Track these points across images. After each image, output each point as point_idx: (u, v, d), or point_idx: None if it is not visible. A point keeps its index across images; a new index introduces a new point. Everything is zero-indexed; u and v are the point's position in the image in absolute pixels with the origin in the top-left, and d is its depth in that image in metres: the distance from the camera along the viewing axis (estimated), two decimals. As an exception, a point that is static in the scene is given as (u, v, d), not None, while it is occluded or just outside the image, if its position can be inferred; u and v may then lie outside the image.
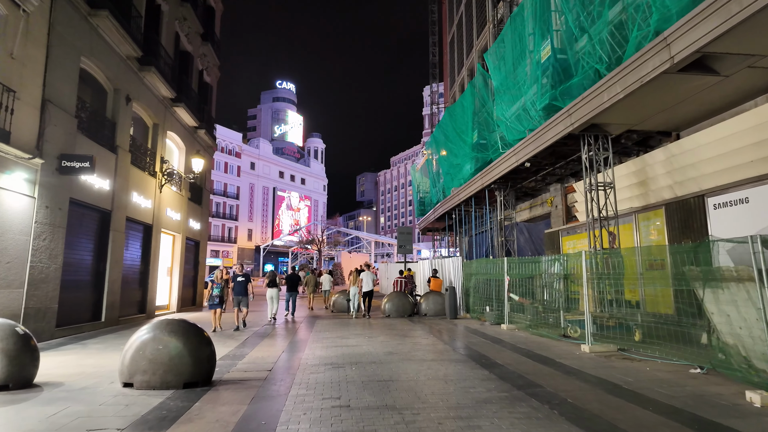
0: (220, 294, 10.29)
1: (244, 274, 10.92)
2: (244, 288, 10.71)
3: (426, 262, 17.33)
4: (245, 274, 10.95)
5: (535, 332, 9.79)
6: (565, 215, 13.80)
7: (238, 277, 10.77)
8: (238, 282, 10.71)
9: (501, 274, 11.18)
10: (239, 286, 10.70)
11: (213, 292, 10.25)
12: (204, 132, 17.51)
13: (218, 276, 10.51)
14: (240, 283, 10.71)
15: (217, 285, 10.30)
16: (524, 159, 11.05)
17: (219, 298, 10.23)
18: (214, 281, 10.35)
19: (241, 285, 10.69)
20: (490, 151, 14.26)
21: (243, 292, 10.68)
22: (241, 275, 10.81)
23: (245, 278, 10.82)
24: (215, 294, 10.23)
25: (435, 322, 12.07)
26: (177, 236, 15.97)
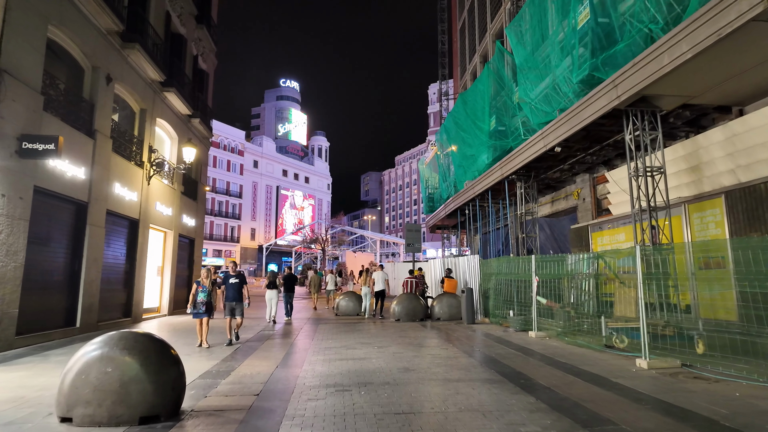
0: (207, 299, 8.20)
1: (237, 273, 8.78)
2: (238, 291, 8.56)
3: (437, 262, 16.02)
4: (239, 274, 8.82)
5: (570, 341, 8.46)
6: (594, 209, 12.44)
7: (231, 278, 8.61)
8: (230, 284, 8.57)
9: (527, 274, 9.86)
10: (232, 289, 8.55)
11: (197, 297, 8.08)
12: (199, 121, 16.30)
13: (204, 276, 8.35)
14: (233, 285, 8.56)
15: (202, 288, 8.16)
16: (554, 143, 9.72)
17: (205, 305, 8.14)
18: (200, 283, 8.22)
19: (234, 288, 8.55)
20: (510, 138, 12.95)
21: (237, 297, 8.56)
22: (234, 275, 8.68)
23: (239, 279, 8.68)
24: (200, 299, 8.08)
25: (451, 328, 10.77)
26: (168, 233, 14.76)
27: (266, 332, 10.31)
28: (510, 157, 12.03)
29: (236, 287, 8.62)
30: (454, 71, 25.84)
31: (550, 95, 10.33)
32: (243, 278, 8.77)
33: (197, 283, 8.24)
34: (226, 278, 8.72)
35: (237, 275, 8.72)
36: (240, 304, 8.61)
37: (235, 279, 8.65)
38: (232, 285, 8.61)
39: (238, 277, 8.70)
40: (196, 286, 8.18)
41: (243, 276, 8.81)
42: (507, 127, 13.07)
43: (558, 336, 9.07)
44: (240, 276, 8.74)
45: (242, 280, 8.72)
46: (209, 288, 8.28)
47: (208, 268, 8.60)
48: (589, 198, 12.54)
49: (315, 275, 20.38)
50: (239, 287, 8.64)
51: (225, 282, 8.69)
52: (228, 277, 8.72)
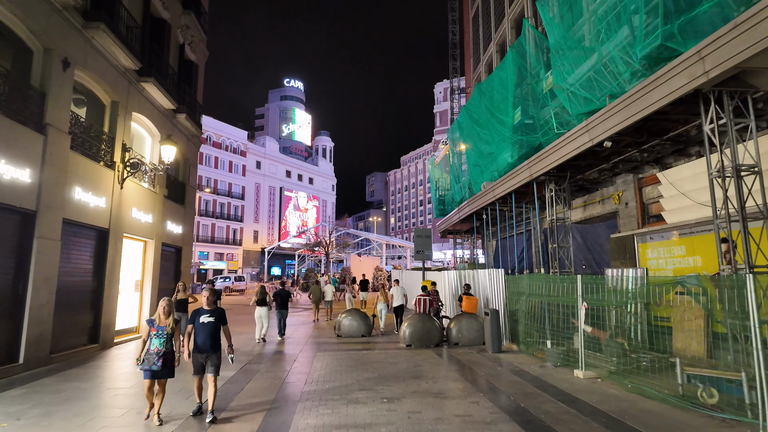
0: (166, 347, 5.30)
1: (214, 309, 5.70)
2: (212, 336, 5.52)
3: (452, 273, 14.21)
4: (216, 311, 5.70)
5: (633, 387, 6.62)
6: (640, 215, 10.58)
7: (204, 314, 5.59)
8: (201, 324, 5.54)
9: (571, 298, 8.04)
10: (203, 332, 5.51)
11: (149, 346, 5.28)
12: (185, 117, 14.62)
13: (163, 311, 5.48)
14: (205, 326, 5.53)
15: (158, 330, 5.34)
16: (603, 137, 7.89)
17: (162, 357, 5.22)
18: (153, 323, 5.40)
19: (206, 331, 5.52)
20: (539, 132, 11.12)
21: (211, 345, 5.49)
22: (208, 311, 5.63)
23: (216, 317, 5.63)
24: (154, 348, 5.23)
25: (474, 360, 8.96)
26: (149, 242, 13.08)
27: (252, 365, 8.57)
28: (541, 155, 10.20)
29: (210, 330, 5.52)
30: (466, 64, 24.04)
31: (595, 78, 8.50)
32: (222, 316, 5.74)
33: (150, 322, 5.38)
34: (195, 315, 5.64)
35: (213, 311, 5.66)
36: (215, 355, 5.49)
37: (209, 317, 5.58)
38: (203, 326, 5.52)
39: (214, 314, 5.64)
40: (149, 327, 5.35)
41: (222, 314, 5.78)
42: (535, 119, 11.25)
43: (612, 377, 7.24)
44: (217, 313, 5.69)
45: (220, 319, 5.69)
46: (169, 329, 5.40)
47: (169, 300, 5.59)
48: (633, 202, 10.68)
49: (316, 286, 18.86)
50: (215, 330, 5.57)
51: (194, 320, 5.60)
52: (199, 313, 5.62)
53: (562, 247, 11.40)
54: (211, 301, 5.73)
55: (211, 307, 5.72)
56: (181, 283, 9.52)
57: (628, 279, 8.74)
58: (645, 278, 8.72)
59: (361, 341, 11.51)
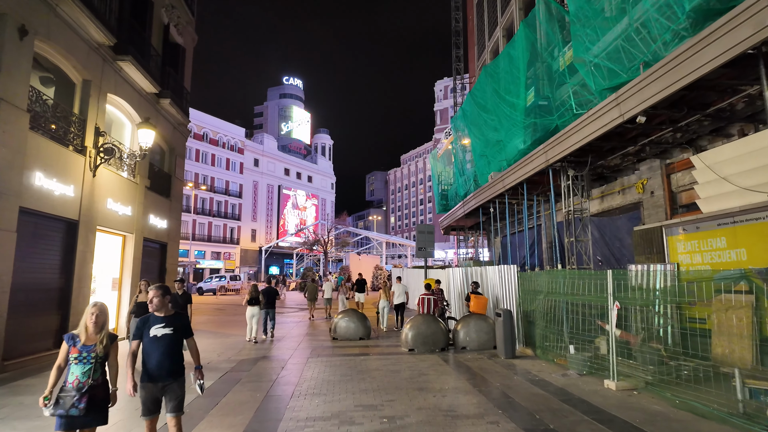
0: (94, 379, 3.42)
1: (172, 315, 3.81)
2: (173, 348, 3.76)
3: (457, 271, 13.16)
4: (175, 317, 3.83)
5: (681, 404, 5.56)
6: (668, 205, 9.53)
7: (157, 324, 3.72)
8: (152, 340, 3.67)
9: (599, 297, 6.99)
10: (158, 348, 3.68)
11: (67, 377, 3.40)
12: (169, 102, 13.56)
13: (91, 323, 3.50)
14: (159, 343, 3.68)
15: (81, 353, 3.42)
16: (637, 110, 6.84)
17: (85, 393, 3.35)
18: (75, 339, 3.45)
19: (162, 350, 3.68)
20: (556, 114, 10.07)
21: (169, 366, 3.71)
22: (162, 319, 3.74)
23: (175, 328, 3.76)
24: (72, 381, 3.36)
25: (486, 368, 7.91)
26: (128, 237, 12.03)
27: (235, 373, 7.51)
28: (559, 138, 9.15)
29: (167, 346, 3.70)
30: (470, 52, 22.99)
31: (624, 47, 7.46)
32: (184, 326, 3.87)
33: (70, 339, 3.46)
34: (143, 327, 3.72)
35: (170, 319, 3.77)
36: (176, 384, 3.74)
37: (165, 327, 3.72)
38: (156, 342, 3.67)
39: (173, 323, 3.76)
40: (67, 346, 3.44)
41: (184, 322, 3.90)
42: (551, 100, 10.20)
43: (650, 389, 6.20)
44: (177, 322, 3.80)
45: (182, 330, 3.82)
46: (101, 349, 3.48)
47: (99, 306, 3.59)
48: (660, 191, 9.62)
49: (312, 284, 18.04)
50: (174, 345, 3.75)
51: (141, 333, 3.71)
52: (148, 323, 3.73)
53: (580, 241, 10.36)
54: (165, 303, 3.77)
55: (167, 312, 3.78)
56: (143, 282, 7.92)
57: (658, 275, 7.73)
58: (676, 274, 7.70)
59: (359, 345, 10.46)
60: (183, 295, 8.10)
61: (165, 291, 3.90)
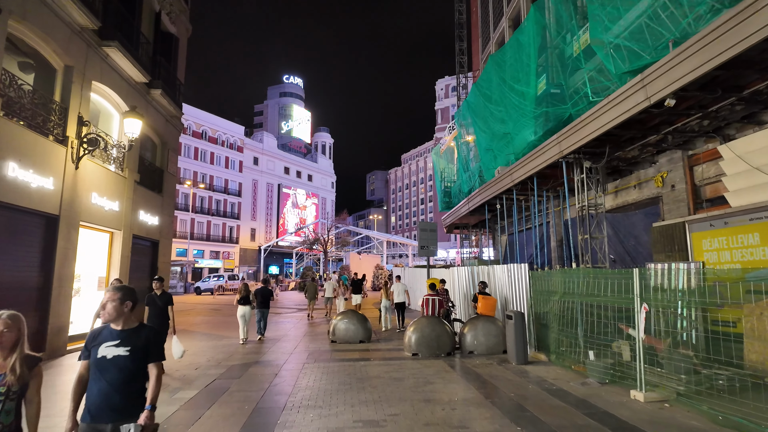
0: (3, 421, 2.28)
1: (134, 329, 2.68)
2: (128, 375, 2.58)
3: (462, 270, 12.51)
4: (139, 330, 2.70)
5: (723, 421, 4.92)
6: (691, 199, 8.88)
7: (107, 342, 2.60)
8: (101, 362, 2.56)
9: (624, 299, 6.35)
10: (107, 375, 2.54)
11: None
12: (161, 93, 12.93)
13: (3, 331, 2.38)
14: (109, 365, 2.55)
15: None
16: (666, 92, 6.19)
17: None
18: None
19: (112, 373, 2.54)
20: (569, 102, 9.43)
21: (119, 401, 2.54)
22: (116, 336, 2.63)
23: (129, 339, 2.62)
24: None
25: (497, 375, 7.27)
26: (116, 233, 11.42)
27: (223, 381, 6.88)
28: (575, 126, 8.51)
29: (119, 373, 2.56)
30: (474, 45, 22.34)
31: (648, 25, 6.82)
32: (147, 344, 2.67)
33: None
34: (91, 342, 2.63)
35: (128, 334, 2.65)
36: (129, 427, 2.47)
37: (120, 346, 2.60)
38: (106, 365, 2.56)
39: (131, 340, 2.63)
40: None
41: (148, 337, 2.70)
42: (564, 88, 9.56)
43: (683, 401, 5.56)
44: (139, 338, 2.66)
45: (144, 350, 2.65)
46: (14, 381, 2.36)
47: (7, 317, 2.44)
48: (682, 184, 8.98)
49: (311, 283, 17.69)
50: (130, 372, 2.60)
51: (89, 352, 2.62)
52: (98, 338, 2.63)
53: (594, 239, 9.72)
54: (121, 311, 2.64)
55: (126, 324, 2.67)
56: (115, 280, 7.38)
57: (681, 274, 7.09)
58: (701, 273, 7.06)
59: (359, 348, 9.83)
60: (162, 295, 7.34)
61: (125, 294, 2.69)
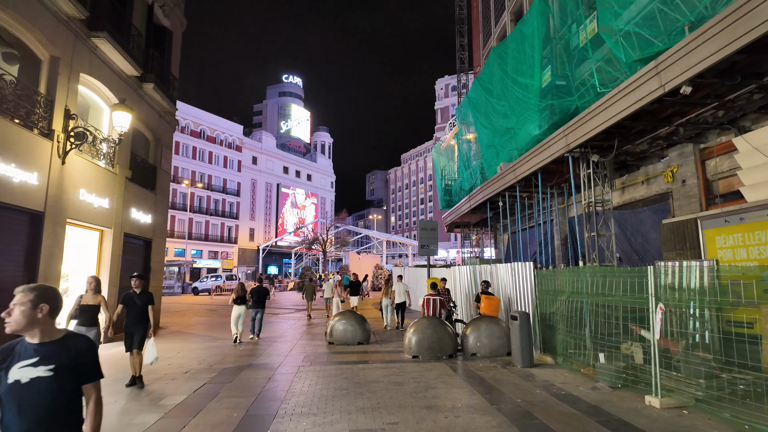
0: None
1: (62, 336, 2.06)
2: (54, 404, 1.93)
3: (464, 269, 12.14)
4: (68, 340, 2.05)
5: (750, 428, 4.56)
6: (703, 194, 8.52)
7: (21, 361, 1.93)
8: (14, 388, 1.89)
9: (637, 298, 6.00)
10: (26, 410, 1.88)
11: None
12: (153, 87, 12.56)
13: None
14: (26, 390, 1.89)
15: None
16: (683, 78, 5.83)
17: None
18: None
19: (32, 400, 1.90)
20: (576, 95, 9.07)
21: None
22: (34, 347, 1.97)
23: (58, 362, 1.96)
24: None
25: (502, 378, 6.91)
26: (106, 231, 11.05)
27: (213, 385, 6.52)
28: (583, 118, 8.15)
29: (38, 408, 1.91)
30: (474, 42, 21.98)
31: (661, 10, 6.46)
32: (79, 361, 2.01)
33: None
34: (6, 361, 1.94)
35: (51, 347, 2.00)
36: None
37: (39, 365, 1.94)
38: (19, 393, 1.89)
39: (56, 358, 1.97)
40: None
41: (79, 350, 2.03)
42: (570, 79, 9.21)
43: (702, 408, 5.20)
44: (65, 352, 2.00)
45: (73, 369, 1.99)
46: None
47: None
48: (694, 179, 8.62)
49: (309, 283, 17.48)
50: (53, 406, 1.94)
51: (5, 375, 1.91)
52: (12, 355, 1.95)
53: (601, 236, 9.36)
54: (34, 319, 1.97)
55: (43, 336, 2.01)
56: (91, 278, 6.24)
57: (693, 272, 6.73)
58: (715, 272, 6.71)
59: (357, 350, 9.47)
60: (142, 294, 6.50)
61: (40, 295, 2.00)
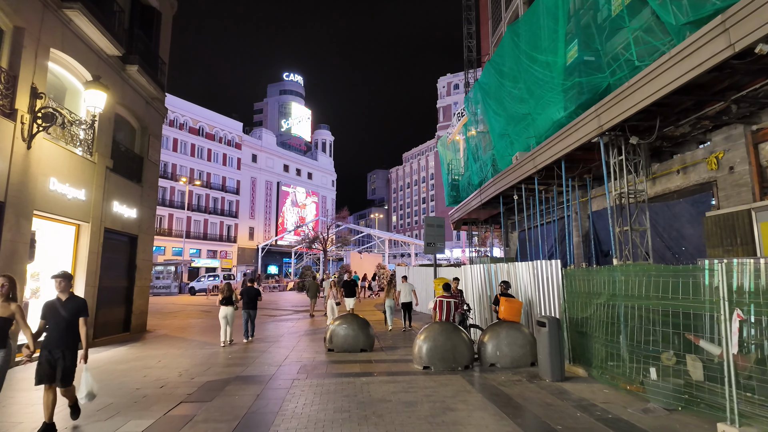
0: None
1: None
2: None
3: (476, 268, 11.03)
4: None
5: None
6: (757, 182, 7.46)
7: None
8: None
9: (700, 302, 4.94)
10: None
11: None
12: (138, 70, 11.53)
13: None
14: None
15: None
16: (758, 36, 4.77)
17: None
18: None
19: None
20: (607, 71, 8.01)
21: None
22: None
23: None
24: None
25: (531, 397, 5.86)
26: (83, 226, 10.03)
27: (190, 404, 5.48)
28: (620, 95, 7.09)
29: None
30: (482, 29, 20.92)
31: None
32: None
33: None
34: None
35: None
36: None
37: None
38: None
39: None
40: None
41: None
42: (600, 53, 8.14)
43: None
44: None
45: None
46: None
47: None
48: (744, 165, 7.56)
49: (313, 281, 16.95)
50: None
51: None
52: None
53: (636, 231, 8.31)
54: None
55: None
56: (4, 278, 4.48)
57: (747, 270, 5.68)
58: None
59: (360, 359, 8.42)
60: (69, 302, 4.66)
61: None
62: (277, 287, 40.09)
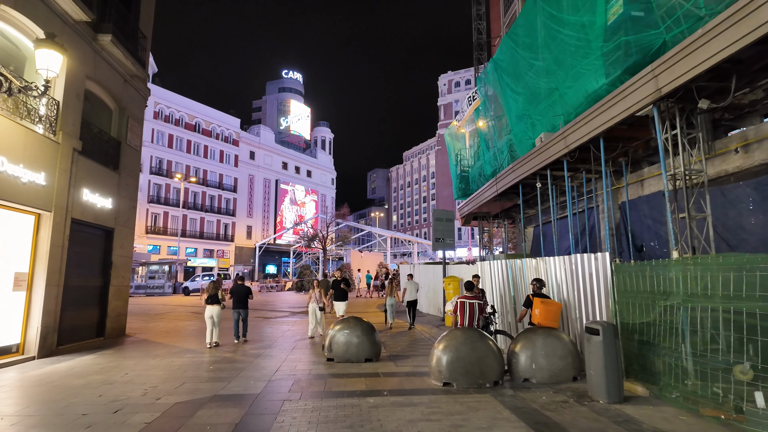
0: None
1: None
2: None
3: (495, 265, 9.66)
4: None
5: None
6: None
7: None
8: None
9: None
10: None
11: None
12: (111, 40, 10.17)
13: None
14: None
15: None
16: None
17: None
18: None
19: None
20: (662, 27, 6.65)
21: None
22: None
23: None
24: None
25: (589, 425, 4.51)
26: (44, 215, 8.67)
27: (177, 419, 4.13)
28: (689, 46, 5.73)
29: None
30: (492, 11, 19.58)
31: None
32: None
33: None
34: None
35: None
36: None
37: None
38: None
39: None
40: None
41: None
42: (653, 6, 6.78)
43: None
44: None
45: None
46: None
47: None
48: (834, 137, 6.20)
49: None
50: None
51: None
52: None
53: (694, 218, 6.96)
54: None
55: None
56: None
57: None
58: None
59: (365, 371, 7.07)
60: None
61: None
62: (275, 287, 38.75)
